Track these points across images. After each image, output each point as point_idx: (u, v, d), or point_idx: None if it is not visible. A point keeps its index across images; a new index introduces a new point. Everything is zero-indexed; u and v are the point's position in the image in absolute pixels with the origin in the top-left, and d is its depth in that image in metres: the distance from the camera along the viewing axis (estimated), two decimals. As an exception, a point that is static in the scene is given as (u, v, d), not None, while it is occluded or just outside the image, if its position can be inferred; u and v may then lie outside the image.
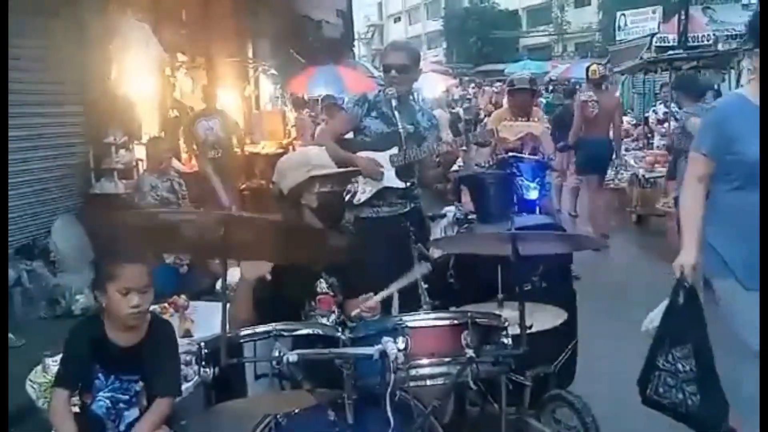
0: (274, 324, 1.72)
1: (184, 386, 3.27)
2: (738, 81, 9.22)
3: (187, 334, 4.12)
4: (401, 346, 1.64)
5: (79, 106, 6.15)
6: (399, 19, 54.59)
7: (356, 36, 23.60)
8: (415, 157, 3.39)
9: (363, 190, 3.46)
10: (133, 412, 2.48)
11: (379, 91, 3.61)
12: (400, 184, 3.43)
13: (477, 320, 1.79)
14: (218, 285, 5.29)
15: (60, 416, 2.37)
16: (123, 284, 2.36)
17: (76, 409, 2.47)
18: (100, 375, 2.44)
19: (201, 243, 1.68)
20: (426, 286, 3.42)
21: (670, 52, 12.96)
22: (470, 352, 1.68)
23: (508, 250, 1.94)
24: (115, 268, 2.37)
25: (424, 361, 1.72)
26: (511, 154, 5.05)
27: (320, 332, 1.80)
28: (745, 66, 8.15)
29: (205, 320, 4.37)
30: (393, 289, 2.41)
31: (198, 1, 8.66)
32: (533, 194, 5.05)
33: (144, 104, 7.10)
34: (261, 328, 1.72)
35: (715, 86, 10.44)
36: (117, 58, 6.24)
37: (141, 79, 6.71)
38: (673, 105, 9.29)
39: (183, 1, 8.20)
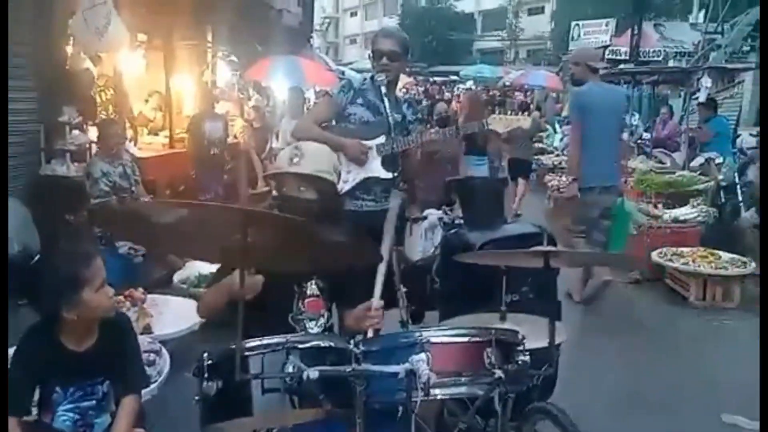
0: (287, 336, 1.59)
1: (146, 390, 3.10)
2: (691, 98, 9.53)
3: (147, 330, 3.91)
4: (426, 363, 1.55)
5: (33, 81, 5.79)
6: (355, 13, 54.29)
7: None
8: (403, 146, 3.31)
9: (346, 179, 3.30)
10: (105, 419, 2.30)
11: (365, 78, 3.51)
12: (387, 175, 3.31)
13: (499, 338, 1.71)
14: (176, 278, 5.12)
15: None
16: (99, 280, 2.20)
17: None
18: (57, 388, 2.24)
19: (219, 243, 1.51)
20: (405, 289, 3.34)
21: (622, 65, 13.34)
22: (499, 372, 1.60)
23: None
24: (87, 271, 2.17)
25: (446, 379, 1.63)
26: None
27: (332, 344, 1.68)
28: (704, 84, 8.42)
29: (164, 315, 4.19)
30: (380, 282, 2.29)
31: (159, -19, 8.31)
32: None
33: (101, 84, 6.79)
34: (272, 340, 1.59)
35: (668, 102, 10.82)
36: (76, 34, 5.90)
37: (100, 56, 6.40)
38: (633, 117, 9.53)
39: (144, -21, 7.84)
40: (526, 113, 3.60)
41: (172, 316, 4.16)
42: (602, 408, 3.63)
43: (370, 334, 2.10)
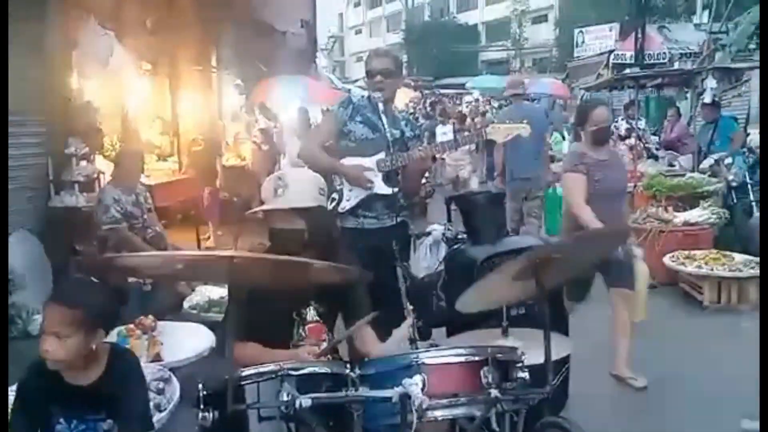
0: (281, 363, 1.58)
1: (158, 416, 3.09)
2: (698, 99, 9.44)
3: (157, 358, 3.91)
4: (420, 386, 1.53)
5: (39, 115, 5.86)
6: (360, 31, 54.71)
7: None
8: (402, 162, 3.32)
9: (348, 197, 3.34)
10: (107, 456, 2.27)
11: (362, 96, 3.56)
12: (388, 191, 3.33)
13: (496, 356, 1.68)
14: (186, 303, 5.12)
15: None
16: (47, 325, 2.09)
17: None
18: (60, 420, 2.20)
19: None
20: (411, 307, 3.32)
21: (628, 69, 13.30)
22: (495, 392, 1.57)
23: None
24: (43, 305, 2.15)
25: (444, 401, 1.61)
26: None
27: (328, 370, 1.66)
28: (709, 85, 8.34)
29: (174, 341, 4.18)
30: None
31: (162, 9, 8.43)
32: None
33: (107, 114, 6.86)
34: (266, 368, 1.57)
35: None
36: (80, 66, 5.98)
37: (105, 87, 6.48)
38: (639, 121, 9.45)
39: (147, 9, 7.95)
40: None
41: (182, 342, 4.15)
42: (620, 415, 3.59)
43: None
